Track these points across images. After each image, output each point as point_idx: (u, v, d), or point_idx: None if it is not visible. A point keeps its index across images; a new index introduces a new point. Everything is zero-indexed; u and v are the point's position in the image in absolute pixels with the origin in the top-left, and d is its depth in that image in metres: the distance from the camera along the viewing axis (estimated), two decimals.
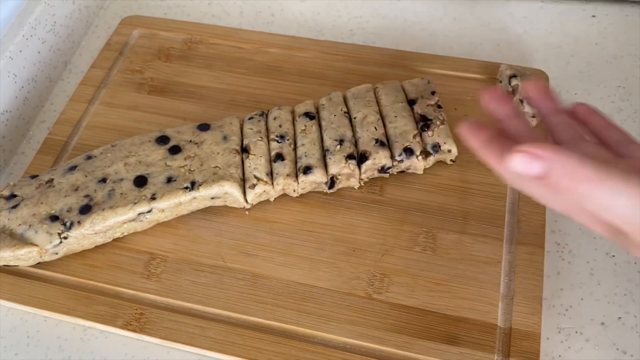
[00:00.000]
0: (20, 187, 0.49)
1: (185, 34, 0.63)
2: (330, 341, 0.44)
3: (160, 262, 0.48)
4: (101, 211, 0.46)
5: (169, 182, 0.48)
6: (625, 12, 0.65)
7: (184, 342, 0.44)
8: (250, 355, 0.43)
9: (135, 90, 0.59)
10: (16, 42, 0.57)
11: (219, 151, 0.50)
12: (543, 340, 0.44)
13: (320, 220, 0.50)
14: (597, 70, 0.60)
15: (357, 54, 0.61)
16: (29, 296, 0.47)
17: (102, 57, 0.62)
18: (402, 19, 0.66)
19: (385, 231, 0.49)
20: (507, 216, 0.49)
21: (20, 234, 0.46)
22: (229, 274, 0.47)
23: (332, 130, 0.51)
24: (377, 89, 0.54)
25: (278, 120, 0.52)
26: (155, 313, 0.46)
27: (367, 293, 0.46)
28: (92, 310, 0.46)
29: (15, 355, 0.46)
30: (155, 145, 0.50)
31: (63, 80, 0.63)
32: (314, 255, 0.48)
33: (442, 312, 0.45)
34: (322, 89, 0.58)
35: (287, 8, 0.68)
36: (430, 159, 0.50)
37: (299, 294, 0.46)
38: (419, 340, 0.44)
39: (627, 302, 0.46)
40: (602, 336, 0.45)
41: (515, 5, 0.66)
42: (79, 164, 0.50)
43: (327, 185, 0.50)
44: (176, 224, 0.50)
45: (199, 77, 0.60)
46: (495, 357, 0.43)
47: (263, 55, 0.61)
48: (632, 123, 0.56)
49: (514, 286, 0.46)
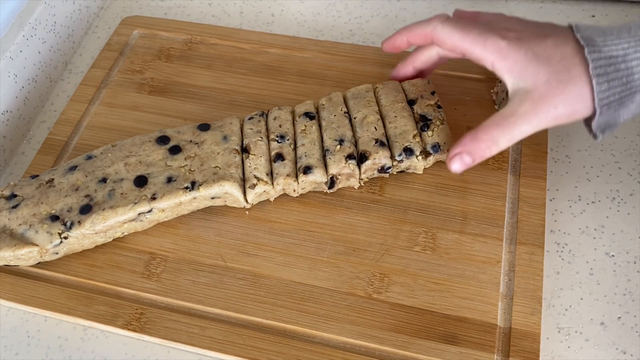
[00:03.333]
0: (21, 187, 0.49)
1: (185, 34, 0.63)
2: (330, 341, 0.44)
3: (161, 262, 0.48)
4: (101, 211, 0.47)
5: (169, 182, 0.48)
6: (625, 12, 0.65)
7: (184, 342, 0.44)
8: (250, 355, 0.43)
9: (135, 91, 0.59)
10: (16, 42, 0.57)
11: (219, 151, 0.50)
12: (543, 340, 0.45)
13: (320, 220, 0.50)
14: None
15: (357, 54, 0.61)
16: (30, 296, 0.47)
17: (102, 57, 0.62)
18: (402, 19, 0.66)
19: (385, 231, 0.49)
20: (507, 216, 0.49)
21: (21, 233, 0.46)
22: (229, 273, 0.47)
23: (332, 130, 0.51)
24: (377, 89, 0.54)
25: (278, 120, 0.52)
26: (155, 313, 0.46)
27: (367, 293, 0.46)
28: (93, 310, 0.46)
29: (16, 355, 0.46)
30: (155, 145, 0.50)
31: (63, 81, 0.63)
32: (314, 255, 0.48)
33: (441, 312, 0.45)
34: (322, 89, 0.58)
35: (287, 8, 0.68)
36: (430, 159, 0.50)
37: (299, 293, 0.46)
38: (418, 339, 0.44)
39: (626, 302, 0.47)
40: (602, 336, 0.45)
41: (515, 5, 0.66)
42: (80, 164, 0.50)
43: (327, 185, 0.50)
44: (176, 223, 0.50)
45: (199, 77, 0.60)
46: (495, 356, 0.43)
47: (263, 55, 0.61)
48: (631, 123, 0.56)
49: (513, 286, 0.46)
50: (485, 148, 0.43)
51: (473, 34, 0.43)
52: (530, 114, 0.42)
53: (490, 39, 0.42)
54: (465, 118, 0.55)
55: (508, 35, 0.42)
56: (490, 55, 0.43)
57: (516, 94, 0.42)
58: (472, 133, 0.44)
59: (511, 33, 0.43)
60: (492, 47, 0.42)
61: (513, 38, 0.42)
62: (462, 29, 0.44)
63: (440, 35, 0.45)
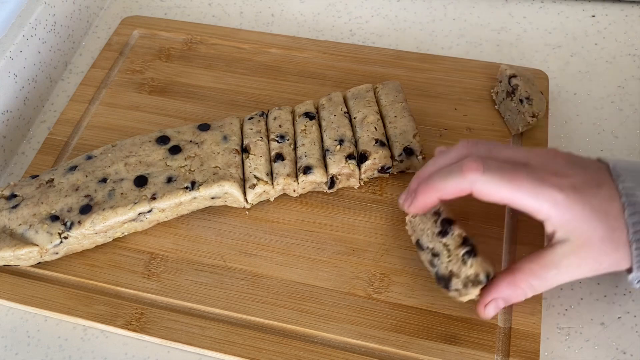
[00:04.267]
0: (21, 187, 0.49)
1: (185, 34, 0.63)
2: (330, 341, 0.44)
3: (161, 262, 0.48)
4: (101, 211, 0.47)
5: (169, 182, 0.48)
6: (625, 12, 0.65)
7: (184, 342, 0.44)
8: (250, 355, 0.43)
9: (135, 91, 0.59)
10: (16, 42, 0.57)
11: (219, 151, 0.50)
12: (543, 340, 0.44)
13: (320, 220, 0.50)
14: (597, 70, 0.61)
15: (357, 54, 0.61)
16: (30, 296, 0.47)
17: (102, 57, 0.62)
18: (402, 19, 0.66)
19: (385, 231, 0.49)
20: (507, 216, 0.49)
21: (21, 233, 0.46)
22: (229, 273, 0.47)
23: (332, 130, 0.51)
24: (377, 89, 0.54)
25: (278, 120, 0.52)
26: (155, 313, 0.46)
27: (367, 293, 0.46)
28: (93, 310, 0.46)
29: (16, 355, 0.46)
30: (155, 145, 0.50)
31: (63, 81, 0.63)
32: (314, 255, 0.48)
33: (441, 312, 0.45)
34: (322, 89, 0.58)
35: (287, 8, 0.68)
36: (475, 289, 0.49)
37: (299, 293, 0.46)
38: (418, 339, 0.44)
39: (626, 302, 0.46)
40: (602, 336, 0.45)
41: (515, 5, 0.66)
42: (80, 164, 0.50)
43: (327, 185, 0.50)
44: (176, 223, 0.50)
45: (199, 77, 0.60)
46: (495, 356, 0.43)
47: (263, 55, 0.61)
48: (631, 123, 0.56)
49: None
50: (521, 295, 0.40)
51: (524, 187, 0.38)
52: (573, 267, 0.39)
53: (545, 191, 0.38)
54: (465, 118, 0.55)
55: (563, 185, 0.38)
56: (546, 209, 0.38)
57: (561, 245, 0.39)
58: (509, 278, 0.40)
59: (564, 181, 0.38)
60: (549, 201, 0.38)
61: (569, 188, 0.38)
62: (509, 181, 0.38)
63: (483, 190, 0.39)
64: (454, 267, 0.40)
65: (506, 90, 0.54)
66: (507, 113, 0.54)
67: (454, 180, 0.39)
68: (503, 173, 0.38)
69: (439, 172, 0.41)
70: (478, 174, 0.38)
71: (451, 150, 0.43)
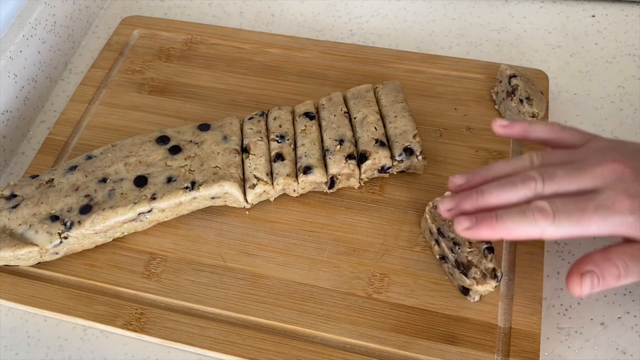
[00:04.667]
0: (21, 187, 0.49)
1: (185, 34, 0.63)
2: (330, 341, 0.44)
3: (161, 262, 0.48)
4: (101, 211, 0.47)
5: (169, 182, 0.48)
6: (625, 12, 0.65)
7: (184, 342, 0.44)
8: (250, 355, 0.43)
9: (135, 91, 0.59)
10: (16, 42, 0.57)
11: (219, 151, 0.50)
12: (543, 340, 0.45)
13: (320, 220, 0.50)
14: (597, 70, 0.61)
15: (357, 54, 0.61)
16: (30, 296, 0.47)
17: (102, 57, 0.62)
18: (402, 19, 0.66)
19: (385, 231, 0.49)
20: None
21: (21, 234, 0.46)
22: (229, 273, 0.47)
23: (332, 130, 0.51)
24: (377, 89, 0.54)
25: (278, 120, 0.52)
26: (155, 313, 0.46)
27: (367, 293, 0.46)
28: (93, 310, 0.46)
29: (16, 355, 0.46)
30: (155, 145, 0.50)
31: (63, 81, 0.63)
32: (314, 255, 0.48)
33: (441, 312, 0.45)
34: (322, 89, 0.58)
35: (287, 8, 0.68)
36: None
37: (299, 293, 0.46)
38: (418, 340, 0.44)
39: (627, 302, 0.46)
40: (602, 336, 0.45)
41: (515, 5, 0.66)
42: (80, 164, 0.50)
43: (327, 185, 0.50)
44: (176, 223, 0.50)
45: (199, 77, 0.60)
46: (495, 356, 0.43)
47: (263, 55, 0.61)
48: (632, 123, 0.56)
49: (513, 286, 0.46)
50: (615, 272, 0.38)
51: (594, 223, 0.38)
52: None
53: (614, 219, 0.38)
54: (465, 118, 0.55)
55: (635, 208, 0.38)
56: (622, 232, 0.38)
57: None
58: (602, 253, 0.39)
59: (636, 202, 0.38)
60: (622, 226, 0.38)
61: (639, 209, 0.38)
62: (578, 222, 0.38)
63: (554, 235, 0.38)
64: (474, 258, 0.44)
65: (506, 90, 0.54)
66: (507, 113, 0.55)
67: (524, 225, 0.39)
68: (571, 215, 0.38)
69: (509, 212, 0.39)
70: (548, 223, 0.38)
71: (516, 161, 0.42)
